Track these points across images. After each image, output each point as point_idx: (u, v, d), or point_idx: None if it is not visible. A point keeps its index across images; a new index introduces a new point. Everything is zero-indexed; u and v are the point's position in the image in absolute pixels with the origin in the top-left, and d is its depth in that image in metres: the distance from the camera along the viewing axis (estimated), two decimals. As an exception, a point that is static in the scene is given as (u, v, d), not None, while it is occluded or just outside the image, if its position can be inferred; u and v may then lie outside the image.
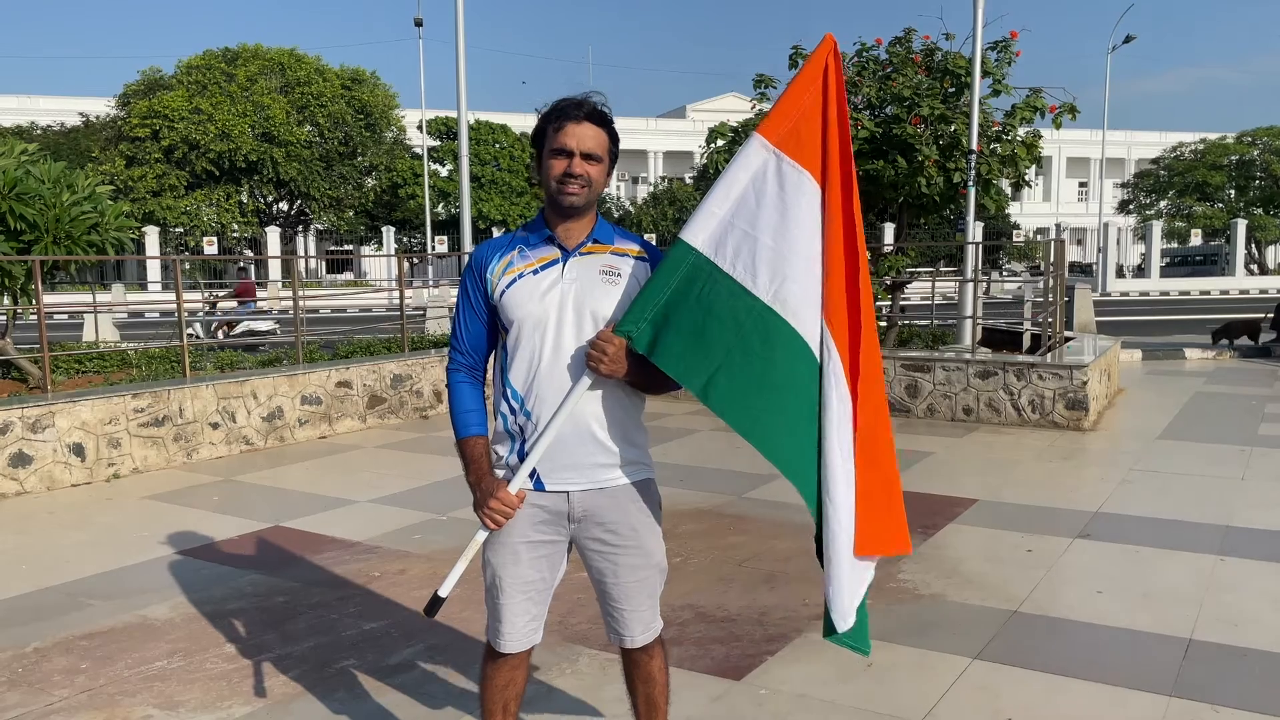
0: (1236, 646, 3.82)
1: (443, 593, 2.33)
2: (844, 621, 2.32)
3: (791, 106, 2.29)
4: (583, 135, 2.27)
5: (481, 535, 2.34)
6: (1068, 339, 10.81)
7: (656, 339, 2.25)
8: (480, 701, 2.53)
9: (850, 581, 2.30)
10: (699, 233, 2.30)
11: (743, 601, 4.35)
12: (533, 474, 2.33)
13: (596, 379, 2.27)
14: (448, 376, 2.46)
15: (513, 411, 2.33)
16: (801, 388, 2.25)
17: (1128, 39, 38.84)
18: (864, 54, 12.31)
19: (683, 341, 2.24)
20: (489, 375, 2.48)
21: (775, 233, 2.26)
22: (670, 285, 2.27)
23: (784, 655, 3.76)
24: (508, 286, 2.32)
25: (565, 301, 2.29)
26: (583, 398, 2.28)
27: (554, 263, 2.33)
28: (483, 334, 2.41)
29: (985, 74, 12.02)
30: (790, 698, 3.42)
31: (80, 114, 42.72)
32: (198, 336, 13.75)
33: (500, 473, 2.37)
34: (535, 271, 2.32)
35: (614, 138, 2.35)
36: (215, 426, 7.76)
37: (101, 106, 42.38)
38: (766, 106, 13.02)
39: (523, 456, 2.32)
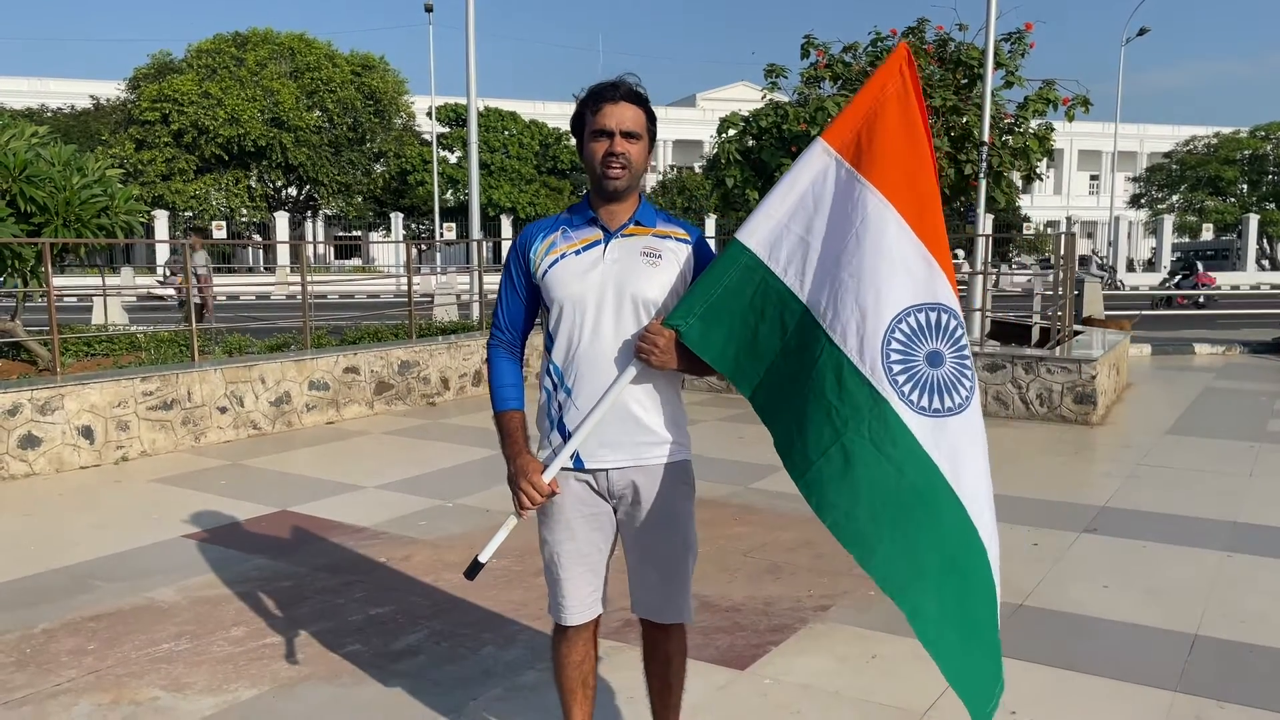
0: (1242, 643, 3.81)
1: (482, 558, 2.40)
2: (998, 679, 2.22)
3: (855, 113, 2.26)
4: (621, 115, 2.30)
5: (514, 521, 2.40)
6: (1077, 333, 10.77)
7: (706, 335, 2.26)
8: (558, 682, 2.56)
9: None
10: (754, 233, 2.29)
11: (747, 592, 4.36)
12: (573, 453, 2.37)
13: (643, 369, 2.30)
14: (488, 352, 2.53)
15: (554, 387, 2.39)
16: (830, 392, 2.18)
17: (1142, 31, 38.61)
18: (878, 44, 12.25)
19: (735, 343, 2.26)
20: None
21: (826, 240, 2.23)
22: (722, 283, 2.28)
23: (788, 646, 3.77)
24: (550, 266, 2.37)
25: (606, 282, 2.33)
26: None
27: (596, 244, 2.37)
28: (522, 312, 2.48)
29: (998, 65, 11.95)
30: (794, 688, 3.42)
31: (90, 97, 42.68)
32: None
33: (543, 455, 2.42)
34: (578, 252, 2.37)
35: (651, 116, 2.38)
36: (223, 410, 7.78)
37: (111, 90, 42.32)
38: (778, 96, 12.97)
39: (563, 431, 2.36)
